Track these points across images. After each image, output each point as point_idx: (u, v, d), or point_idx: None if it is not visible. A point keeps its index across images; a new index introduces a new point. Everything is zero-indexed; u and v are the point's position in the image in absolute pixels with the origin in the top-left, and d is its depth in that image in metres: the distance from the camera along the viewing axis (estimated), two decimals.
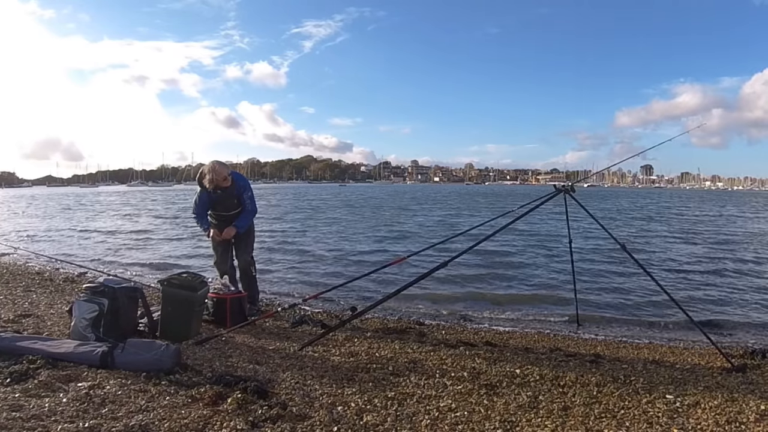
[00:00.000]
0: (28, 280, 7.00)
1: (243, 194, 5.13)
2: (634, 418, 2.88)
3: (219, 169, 4.90)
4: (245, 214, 5.16)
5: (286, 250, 11.95)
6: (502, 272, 9.23)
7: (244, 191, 5.14)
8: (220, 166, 4.94)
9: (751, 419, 2.90)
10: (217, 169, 4.88)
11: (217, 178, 4.88)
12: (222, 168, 4.94)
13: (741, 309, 6.86)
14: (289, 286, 7.95)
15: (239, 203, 5.16)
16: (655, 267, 9.59)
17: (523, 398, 3.14)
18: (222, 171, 4.90)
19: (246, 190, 5.17)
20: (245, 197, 5.14)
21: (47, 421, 2.35)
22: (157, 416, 2.50)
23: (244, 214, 5.16)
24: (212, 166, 4.90)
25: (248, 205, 5.17)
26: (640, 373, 3.83)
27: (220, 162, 5.01)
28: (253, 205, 5.23)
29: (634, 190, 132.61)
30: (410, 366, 3.75)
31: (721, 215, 28.04)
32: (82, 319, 3.70)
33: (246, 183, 5.24)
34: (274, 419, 2.58)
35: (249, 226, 5.27)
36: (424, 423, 2.70)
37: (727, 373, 3.89)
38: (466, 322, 5.97)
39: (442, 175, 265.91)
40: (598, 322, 6.12)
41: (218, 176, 4.88)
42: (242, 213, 5.16)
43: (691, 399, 3.21)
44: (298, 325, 4.98)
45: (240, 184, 5.12)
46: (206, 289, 4.45)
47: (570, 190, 4.73)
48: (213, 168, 4.88)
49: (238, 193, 5.11)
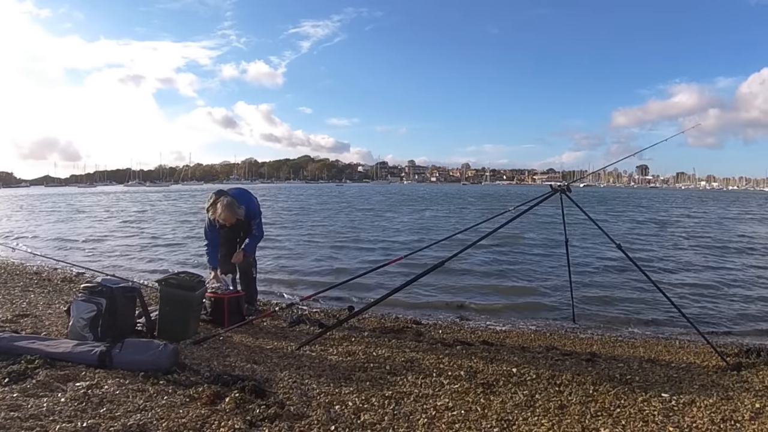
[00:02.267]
0: (26, 279, 7.01)
1: (251, 221, 5.12)
2: (630, 417, 2.91)
3: (229, 215, 4.79)
4: (252, 239, 5.16)
5: (284, 250, 11.94)
6: (499, 272, 9.25)
7: (253, 219, 5.13)
8: (231, 212, 4.79)
9: (746, 417, 2.93)
10: (228, 214, 4.79)
11: (227, 221, 4.86)
12: (233, 214, 4.81)
13: (736, 308, 6.88)
14: (287, 285, 7.94)
15: (248, 230, 5.17)
16: (650, 266, 9.61)
17: (520, 397, 3.16)
18: (231, 218, 4.83)
19: (255, 217, 5.14)
20: (253, 224, 5.14)
21: (45, 421, 2.36)
22: (155, 416, 2.51)
23: (251, 239, 5.16)
24: (224, 212, 4.78)
25: (255, 231, 5.18)
26: (636, 371, 3.85)
27: (232, 206, 4.82)
28: (260, 230, 5.25)
29: (631, 190, 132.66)
30: (407, 365, 3.76)
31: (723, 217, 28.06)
32: (80, 319, 3.71)
33: (255, 210, 5.17)
34: (272, 418, 2.59)
35: (256, 246, 5.27)
36: (421, 422, 2.72)
37: (722, 372, 3.92)
38: (462, 321, 5.98)
39: (438, 175, 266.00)
40: (594, 321, 6.13)
41: (227, 220, 4.85)
42: (250, 238, 5.16)
43: (687, 397, 3.24)
44: (295, 325, 4.98)
45: (250, 213, 5.07)
46: (204, 288, 4.46)
47: (566, 190, 4.75)
48: (225, 211, 4.77)
49: (247, 222, 5.10)
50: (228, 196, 4.93)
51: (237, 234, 5.19)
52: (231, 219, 4.86)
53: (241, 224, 5.09)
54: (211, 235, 5.04)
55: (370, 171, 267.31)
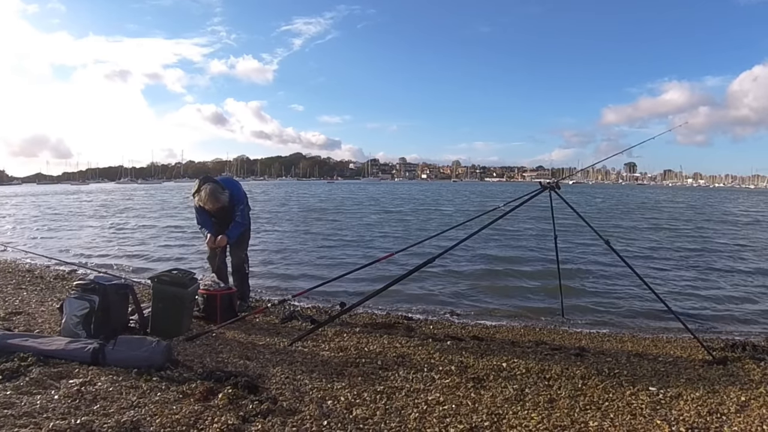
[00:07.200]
0: (19, 277, 6.97)
1: (236, 206, 5.14)
2: (618, 410, 2.95)
3: (212, 199, 4.91)
4: (234, 225, 5.14)
5: (276, 247, 11.92)
6: (489, 268, 9.29)
7: (237, 204, 5.15)
8: (214, 197, 4.91)
9: (732, 410, 2.99)
10: (211, 199, 4.90)
11: (210, 206, 4.95)
12: (216, 199, 4.93)
13: (722, 303, 6.97)
14: (279, 282, 7.95)
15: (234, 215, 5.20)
16: (638, 262, 9.69)
17: (510, 391, 3.20)
18: (215, 203, 4.94)
19: (239, 203, 5.17)
20: (237, 210, 5.15)
21: (39, 418, 2.37)
22: (148, 412, 2.52)
23: (234, 225, 5.14)
24: (207, 197, 4.90)
25: (238, 217, 5.16)
26: (624, 365, 3.91)
27: (215, 192, 4.93)
28: (243, 218, 5.21)
29: (620, 188, 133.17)
30: (399, 360, 3.80)
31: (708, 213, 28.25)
32: (73, 317, 3.71)
33: (241, 196, 5.21)
34: (265, 414, 2.61)
35: (241, 233, 5.26)
36: (412, 416, 2.75)
37: (708, 366, 3.98)
38: (453, 316, 6.02)
39: (429, 173, 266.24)
40: (582, 316, 6.19)
41: (211, 205, 4.94)
42: (233, 224, 5.14)
43: (674, 391, 3.29)
44: (287, 321, 5.00)
45: (234, 198, 5.13)
46: (196, 285, 4.47)
47: (555, 187, 4.80)
48: (208, 197, 4.89)
49: (232, 208, 5.15)
50: (212, 182, 5.02)
51: (227, 223, 5.17)
52: (215, 204, 4.93)
53: (228, 212, 5.12)
54: (202, 219, 5.13)
55: (361, 168, 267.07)
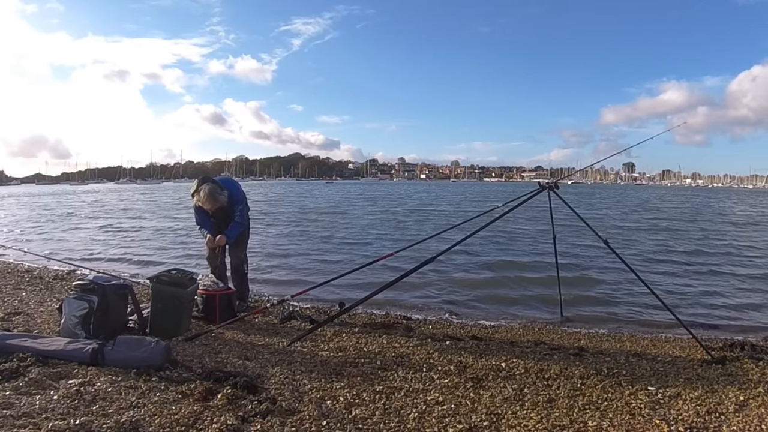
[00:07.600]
0: (18, 278, 6.95)
1: (235, 206, 5.14)
2: (617, 410, 2.96)
3: (210, 199, 4.92)
4: (234, 225, 5.14)
5: (275, 247, 11.91)
6: (488, 268, 9.30)
7: (236, 204, 5.14)
8: (212, 197, 4.92)
9: (731, 410, 3.00)
10: (210, 199, 4.91)
11: (209, 206, 4.96)
12: (214, 199, 4.93)
13: (721, 302, 6.98)
14: (278, 282, 7.94)
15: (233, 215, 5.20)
16: (638, 262, 9.70)
17: (509, 391, 3.21)
18: (214, 203, 4.95)
19: (238, 203, 5.16)
20: (236, 209, 5.14)
21: (38, 419, 2.36)
22: (147, 412, 2.52)
23: (233, 225, 5.14)
24: (206, 197, 4.90)
25: (237, 217, 5.15)
26: (623, 365, 3.91)
27: (213, 192, 4.93)
28: (242, 218, 5.20)
29: (617, 187, 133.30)
30: (398, 360, 3.80)
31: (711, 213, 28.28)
32: (72, 317, 3.71)
33: (239, 196, 5.21)
34: (264, 414, 2.61)
35: (240, 233, 5.26)
36: (411, 416, 2.75)
37: (707, 365, 3.98)
38: (452, 316, 6.03)
39: (428, 173, 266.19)
40: (581, 315, 6.19)
41: (209, 206, 4.95)
42: (232, 224, 5.14)
43: (673, 390, 3.30)
44: (286, 321, 5.00)
45: (233, 198, 5.13)
46: (195, 285, 4.47)
47: (554, 187, 4.80)
48: (206, 197, 4.90)
49: (231, 208, 5.14)
50: (211, 182, 5.02)
51: (226, 223, 5.17)
52: (213, 204, 4.94)
53: (227, 212, 5.12)
54: (201, 219, 5.12)
55: (360, 168, 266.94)
